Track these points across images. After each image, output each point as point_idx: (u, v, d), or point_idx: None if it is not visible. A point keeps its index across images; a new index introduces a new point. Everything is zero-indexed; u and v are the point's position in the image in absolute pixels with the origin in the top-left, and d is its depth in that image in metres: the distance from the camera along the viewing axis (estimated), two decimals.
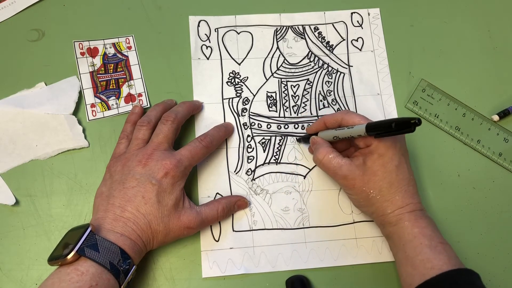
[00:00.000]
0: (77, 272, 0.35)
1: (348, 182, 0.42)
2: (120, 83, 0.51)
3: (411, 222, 0.40)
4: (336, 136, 0.44)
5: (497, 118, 0.51)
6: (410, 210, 0.41)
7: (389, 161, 0.41)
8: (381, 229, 0.44)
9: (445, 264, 0.38)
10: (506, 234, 0.48)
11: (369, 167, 0.41)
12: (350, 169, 0.42)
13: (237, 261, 0.45)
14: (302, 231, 0.47)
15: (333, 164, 0.42)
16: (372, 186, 0.41)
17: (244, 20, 0.54)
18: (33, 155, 0.47)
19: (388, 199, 0.41)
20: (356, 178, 0.41)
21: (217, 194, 0.47)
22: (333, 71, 0.53)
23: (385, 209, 0.41)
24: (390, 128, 0.37)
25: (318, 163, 0.44)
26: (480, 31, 0.56)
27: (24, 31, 0.52)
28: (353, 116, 0.43)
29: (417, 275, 0.38)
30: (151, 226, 0.40)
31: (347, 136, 0.42)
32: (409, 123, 0.36)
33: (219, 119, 0.50)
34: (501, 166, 0.50)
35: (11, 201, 0.45)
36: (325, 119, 0.45)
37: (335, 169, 0.42)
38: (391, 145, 0.41)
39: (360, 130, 0.41)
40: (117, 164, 0.43)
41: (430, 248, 0.39)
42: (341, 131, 0.43)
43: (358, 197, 0.42)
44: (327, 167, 0.43)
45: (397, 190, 0.41)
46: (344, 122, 0.43)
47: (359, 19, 0.56)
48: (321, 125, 0.46)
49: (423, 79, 0.53)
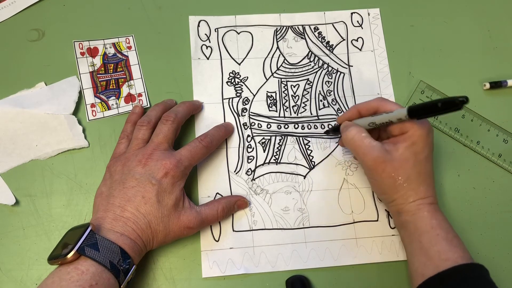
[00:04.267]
0: (77, 271, 0.35)
1: (377, 166, 0.41)
2: (120, 83, 0.51)
3: (430, 213, 0.41)
4: (372, 122, 0.43)
5: (488, 87, 0.52)
6: (429, 202, 0.41)
7: (421, 151, 0.41)
8: (395, 218, 0.44)
9: (459, 257, 0.38)
10: (506, 234, 0.48)
11: (401, 154, 0.41)
12: (381, 151, 0.41)
13: (237, 261, 0.45)
14: (302, 231, 0.47)
15: (365, 143, 0.41)
16: (402, 173, 0.41)
17: (244, 20, 0.54)
18: (33, 155, 0.47)
19: (413, 188, 0.41)
20: (386, 162, 0.40)
21: (217, 194, 0.47)
22: (333, 71, 0.53)
23: (408, 197, 0.41)
24: (435, 108, 0.37)
25: (349, 141, 0.42)
26: (480, 31, 0.56)
27: (24, 31, 0.52)
28: (389, 103, 0.43)
29: (431, 265, 0.38)
30: (151, 226, 0.40)
31: (385, 121, 0.42)
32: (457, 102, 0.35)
33: (219, 119, 0.50)
34: (500, 167, 0.50)
35: (11, 201, 0.45)
36: (359, 106, 0.44)
37: (366, 149, 0.41)
38: (426, 135, 0.41)
39: (401, 114, 0.40)
40: (117, 164, 0.43)
41: (446, 241, 0.39)
42: (379, 116, 0.42)
43: (383, 182, 0.42)
44: (358, 146, 0.41)
45: (423, 181, 0.41)
46: (381, 108, 0.43)
47: (359, 19, 0.56)
48: (355, 113, 0.45)
49: (422, 81, 0.53)
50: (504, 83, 0.52)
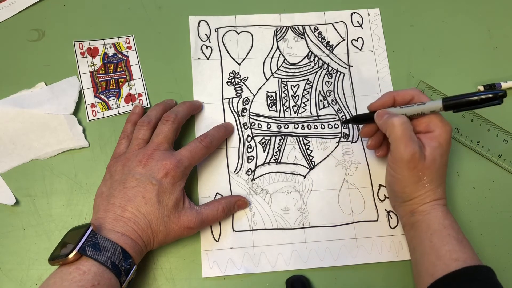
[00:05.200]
0: (79, 271, 0.35)
1: (412, 161, 0.40)
2: (120, 83, 0.51)
3: (444, 214, 0.41)
4: (405, 113, 0.42)
5: (482, 89, 0.52)
6: (443, 204, 0.42)
7: (444, 153, 0.41)
8: (406, 217, 0.44)
9: (469, 258, 0.38)
10: (506, 234, 0.48)
11: (430, 153, 0.41)
12: (420, 149, 0.40)
13: (237, 261, 0.45)
14: (302, 231, 0.47)
15: (411, 135, 0.40)
16: (428, 173, 0.41)
17: (244, 20, 0.54)
18: (33, 155, 0.47)
19: (433, 188, 0.42)
20: (420, 160, 0.40)
21: (217, 194, 0.47)
22: (333, 71, 0.53)
23: (426, 198, 0.42)
24: (473, 102, 0.37)
25: (394, 128, 0.40)
26: (480, 31, 0.56)
27: (24, 31, 0.52)
28: (424, 96, 0.43)
29: (441, 265, 0.39)
30: (152, 226, 0.40)
31: (418, 112, 0.41)
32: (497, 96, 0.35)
33: (219, 119, 0.50)
34: (500, 167, 0.50)
35: (11, 201, 0.45)
36: (395, 93, 0.44)
37: (408, 141, 0.40)
38: (449, 138, 0.41)
39: (436, 106, 0.40)
40: (117, 164, 0.43)
41: (457, 241, 0.40)
42: (411, 107, 0.41)
43: (409, 180, 0.41)
44: (403, 135, 0.40)
45: (442, 183, 0.42)
46: (417, 98, 0.43)
47: (359, 19, 0.56)
48: (389, 101, 0.44)
49: (422, 81, 0.53)
50: (498, 85, 0.52)
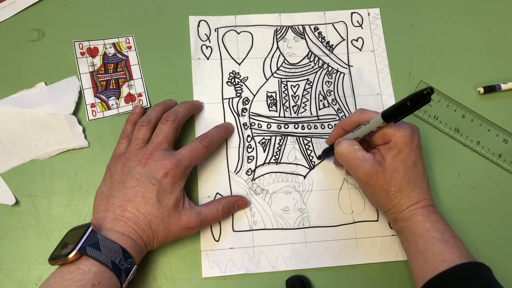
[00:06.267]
0: (79, 271, 0.35)
1: (370, 179, 0.41)
2: (120, 83, 0.51)
3: (424, 217, 0.41)
4: (356, 136, 0.43)
5: (482, 91, 0.52)
6: (423, 206, 0.41)
7: (408, 157, 0.41)
8: (392, 224, 0.44)
9: (456, 257, 0.38)
10: (506, 234, 0.48)
11: (390, 164, 0.41)
12: (374, 164, 0.41)
13: (237, 261, 0.45)
14: (302, 231, 0.47)
15: (358, 156, 0.41)
16: (394, 183, 0.41)
17: (244, 20, 0.54)
18: (33, 155, 0.47)
19: (406, 195, 0.41)
20: (379, 175, 0.41)
21: (217, 194, 0.47)
22: (333, 71, 0.53)
23: (402, 206, 0.41)
24: (406, 107, 0.37)
25: (341, 156, 0.42)
26: (480, 31, 0.56)
27: (24, 31, 0.52)
28: (369, 113, 0.42)
29: (429, 268, 0.38)
30: (152, 226, 0.40)
31: (366, 132, 0.42)
32: (423, 95, 0.35)
33: (219, 119, 0.50)
34: (500, 167, 0.50)
35: (11, 201, 0.45)
36: (342, 124, 0.45)
37: (359, 163, 0.41)
38: (409, 140, 0.41)
39: (378, 121, 0.40)
40: (117, 164, 0.43)
41: (442, 242, 0.39)
42: (359, 130, 0.42)
43: (378, 194, 0.42)
44: (351, 159, 0.41)
45: (415, 187, 0.41)
46: (361, 120, 0.43)
47: (359, 19, 0.56)
48: (340, 131, 0.45)
49: (422, 81, 0.53)
50: (498, 87, 0.52)
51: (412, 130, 0.41)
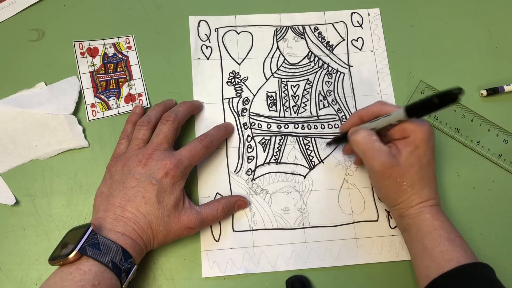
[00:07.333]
0: (80, 271, 0.35)
1: (386, 170, 0.41)
2: (120, 83, 0.51)
3: (432, 215, 0.41)
4: (373, 127, 0.43)
5: (485, 93, 0.52)
6: (431, 204, 0.42)
7: (424, 155, 0.41)
8: (398, 221, 0.44)
9: (462, 257, 0.38)
10: (506, 234, 0.48)
11: (406, 159, 0.41)
12: (390, 156, 0.41)
13: (237, 261, 0.45)
14: (302, 231, 0.47)
15: (375, 146, 0.41)
16: (407, 178, 0.41)
17: (244, 20, 0.54)
18: (33, 155, 0.47)
19: (417, 192, 0.41)
20: (394, 167, 0.40)
21: (217, 194, 0.47)
22: (333, 71, 0.53)
23: (411, 202, 0.41)
24: (432, 104, 0.37)
25: (358, 144, 0.42)
26: (480, 31, 0.56)
27: (24, 31, 0.52)
28: (389, 106, 0.42)
29: (435, 266, 0.39)
30: (152, 226, 0.40)
31: (385, 124, 0.41)
32: (453, 95, 0.35)
33: (219, 119, 0.50)
34: (500, 167, 0.50)
35: (11, 201, 0.45)
36: (360, 113, 0.44)
37: (375, 153, 0.41)
38: (427, 139, 0.41)
39: (399, 115, 0.40)
40: (117, 164, 0.43)
41: (448, 241, 0.39)
42: (378, 121, 0.42)
43: (389, 187, 0.42)
44: (368, 149, 0.41)
45: (425, 185, 0.41)
46: (381, 111, 0.43)
47: (359, 19, 0.56)
48: (356, 120, 0.45)
49: (422, 81, 0.53)
50: (501, 89, 0.52)
51: (430, 129, 0.41)
